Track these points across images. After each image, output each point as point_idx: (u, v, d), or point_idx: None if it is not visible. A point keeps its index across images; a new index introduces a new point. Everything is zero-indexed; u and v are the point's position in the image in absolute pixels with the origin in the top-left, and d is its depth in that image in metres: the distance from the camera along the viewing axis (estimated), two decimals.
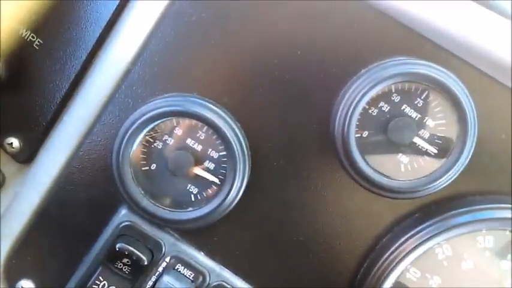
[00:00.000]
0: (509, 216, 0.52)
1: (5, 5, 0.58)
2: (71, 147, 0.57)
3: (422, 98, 0.52)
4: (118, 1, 0.56)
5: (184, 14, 0.54)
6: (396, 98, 0.52)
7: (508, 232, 0.53)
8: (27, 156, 0.61)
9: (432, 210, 0.55)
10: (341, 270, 0.57)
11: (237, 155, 0.53)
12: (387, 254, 0.55)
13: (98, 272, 0.55)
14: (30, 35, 0.59)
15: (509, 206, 0.53)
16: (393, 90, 0.52)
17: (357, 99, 0.51)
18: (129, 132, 0.53)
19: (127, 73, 0.55)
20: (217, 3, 0.53)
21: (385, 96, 0.52)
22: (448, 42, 0.52)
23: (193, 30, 0.54)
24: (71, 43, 0.58)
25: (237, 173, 0.53)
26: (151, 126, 0.53)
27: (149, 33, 0.55)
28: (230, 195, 0.54)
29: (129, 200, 0.54)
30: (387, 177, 0.53)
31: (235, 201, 0.55)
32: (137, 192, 0.54)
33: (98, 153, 0.56)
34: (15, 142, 0.61)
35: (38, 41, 0.59)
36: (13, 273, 0.58)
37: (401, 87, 0.52)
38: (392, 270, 0.54)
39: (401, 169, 0.54)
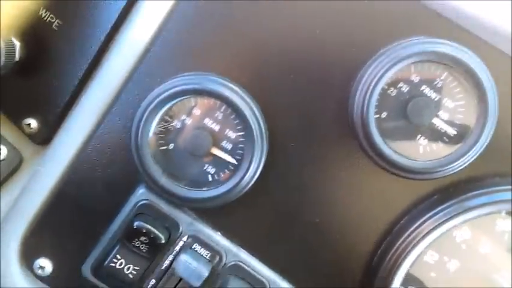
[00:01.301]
0: None
1: None
2: (90, 127, 0.57)
3: (441, 78, 0.52)
4: None
5: None
6: (415, 79, 0.52)
7: None
8: (45, 137, 0.62)
9: (450, 192, 0.55)
10: (357, 253, 0.57)
11: (255, 134, 0.53)
12: (404, 236, 0.55)
13: (115, 249, 0.55)
14: (49, 16, 0.60)
15: None
16: (412, 71, 0.52)
17: (376, 78, 0.51)
18: (148, 110, 0.53)
19: (146, 52, 0.55)
20: None
21: (404, 76, 0.52)
22: (468, 22, 0.52)
23: (213, 10, 0.54)
24: (89, 24, 0.59)
25: (255, 153, 0.53)
26: (170, 104, 0.54)
27: (169, 12, 0.55)
28: (247, 175, 0.54)
29: (148, 178, 0.54)
30: (407, 157, 0.52)
31: (252, 182, 0.54)
32: (156, 170, 0.54)
33: (117, 132, 0.57)
34: (33, 123, 0.61)
35: (57, 22, 0.59)
36: (31, 252, 0.59)
37: (421, 68, 0.52)
38: (409, 252, 0.54)
39: (419, 151, 0.53)
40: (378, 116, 0.53)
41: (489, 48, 0.52)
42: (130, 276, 0.56)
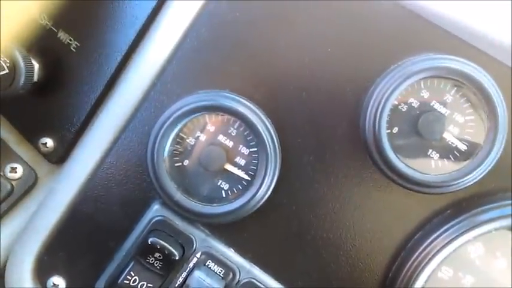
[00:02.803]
0: None
1: (44, 8, 0.61)
2: (106, 144, 0.58)
3: (451, 93, 0.53)
4: (154, 3, 0.58)
5: (219, 14, 0.56)
6: (426, 94, 0.53)
7: None
8: (60, 157, 0.63)
9: (463, 206, 0.55)
10: (372, 269, 0.57)
11: (269, 150, 0.54)
12: (418, 252, 0.55)
13: (129, 266, 0.55)
14: (67, 38, 0.62)
15: None
16: (422, 86, 0.53)
17: (387, 94, 0.52)
18: (164, 127, 0.54)
19: (162, 71, 0.57)
20: (250, 3, 0.56)
21: (415, 92, 0.53)
22: (476, 40, 0.54)
23: (228, 29, 0.56)
24: (107, 45, 0.61)
25: (268, 169, 0.54)
26: (185, 121, 0.55)
27: (184, 31, 0.57)
28: (260, 190, 0.54)
29: (163, 194, 0.55)
30: (419, 171, 0.53)
31: (265, 197, 0.55)
32: (171, 186, 0.55)
33: (133, 149, 0.58)
34: (49, 142, 0.63)
35: (76, 44, 0.61)
36: (44, 270, 0.59)
37: (431, 83, 0.53)
38: (424, 268, 0.54)
39: (431, 165, 0.54)
40: (389, 131, 0.53)
41: (497, 63, 0.53)
42: None
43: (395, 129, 0.54)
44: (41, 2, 0.61)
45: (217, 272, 0.56)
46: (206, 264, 0.56)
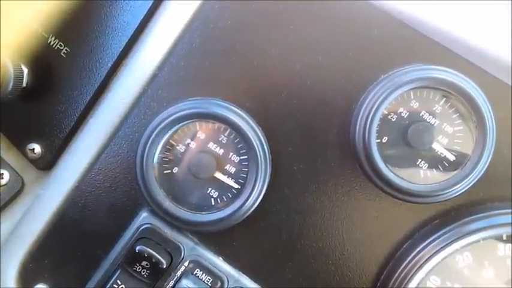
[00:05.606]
0: None
1: (35, 14, 0.61)
2: (95, 150, 0.58)
3: (440, 104, 0.54)
4: (146, 9, 0.58)
5: (211, 21, 0.56)
6: (415, 104, 0.54)
7: None
8: (47, 163, 0.62)
9: (451, 216, 0.55)
10: (361, 278, 0.57)
11: (259, 158, 0.54)
12: (407, 262, 0.55)
13: (116, 274, 0.55)
14: (58, 43, 0.61)
15: None
16: (412, 97, 0.54)
17: (377, 104, 0.53)
18: (154, 133, 0.54)
19: (153, 77, 0.57)
20: (242, 11, 0.56)
21: (404, 102, 0.54)
22: (465, 51, 0.54)
23: (219, 37, 0.56)
24: (97, 51, 0.60)
25: (258, 176, 0.54)
26: (175, 128, 0.54)
27: (176, 39, 0.57)
28: (250, 198, 0.54)
29: (151, 201, 0.54)
30: (407, 181, 0.53)
31: (255, 205, 0.55)
32: (160, 193, 0.54)
33: (122, 155, 0.57)
34: (37, 148, 0.62)
35: (66, 50, 0.61)
36: (30, 277, 0.58)
37: (420, 94, 0.53)
38: (412, 277, 0.54)
39: (420, 175, 0.54)
40: (379, 140, 0.54)
41: (485, 74, 0.54)
42: None
43: (384, 139, 0.54)
44: (32, 8, 0.61)
45: (205, 281, 0.55)
46: (194, 273, 0.55)
